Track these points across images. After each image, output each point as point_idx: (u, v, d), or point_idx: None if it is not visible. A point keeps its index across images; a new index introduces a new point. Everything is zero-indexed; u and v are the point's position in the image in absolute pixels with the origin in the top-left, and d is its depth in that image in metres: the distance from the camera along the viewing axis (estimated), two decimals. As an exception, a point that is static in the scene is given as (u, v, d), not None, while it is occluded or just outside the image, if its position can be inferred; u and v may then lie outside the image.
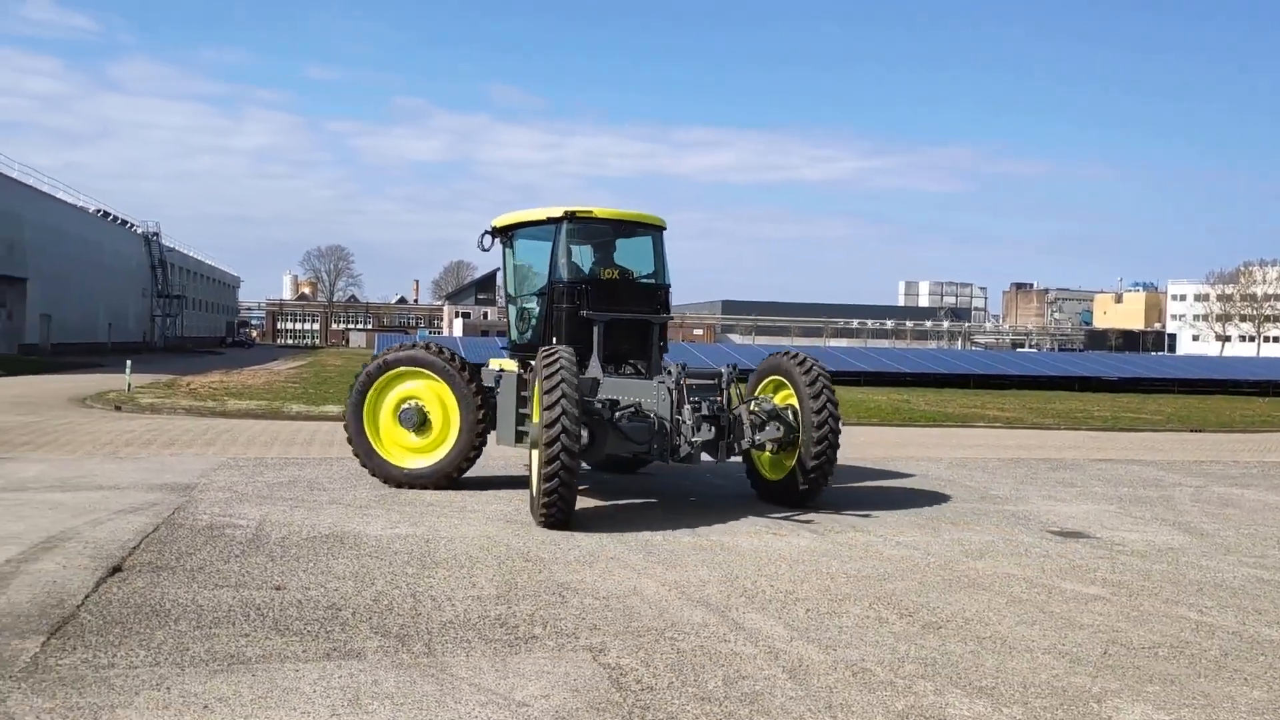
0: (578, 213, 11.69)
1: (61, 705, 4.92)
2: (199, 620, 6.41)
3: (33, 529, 9.05)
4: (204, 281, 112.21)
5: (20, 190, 57.10)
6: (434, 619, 6.62)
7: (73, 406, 22.88)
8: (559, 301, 11.57)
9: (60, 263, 62.34)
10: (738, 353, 44.72)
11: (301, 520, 9.82)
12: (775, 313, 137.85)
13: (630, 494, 12.21)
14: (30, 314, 58.24)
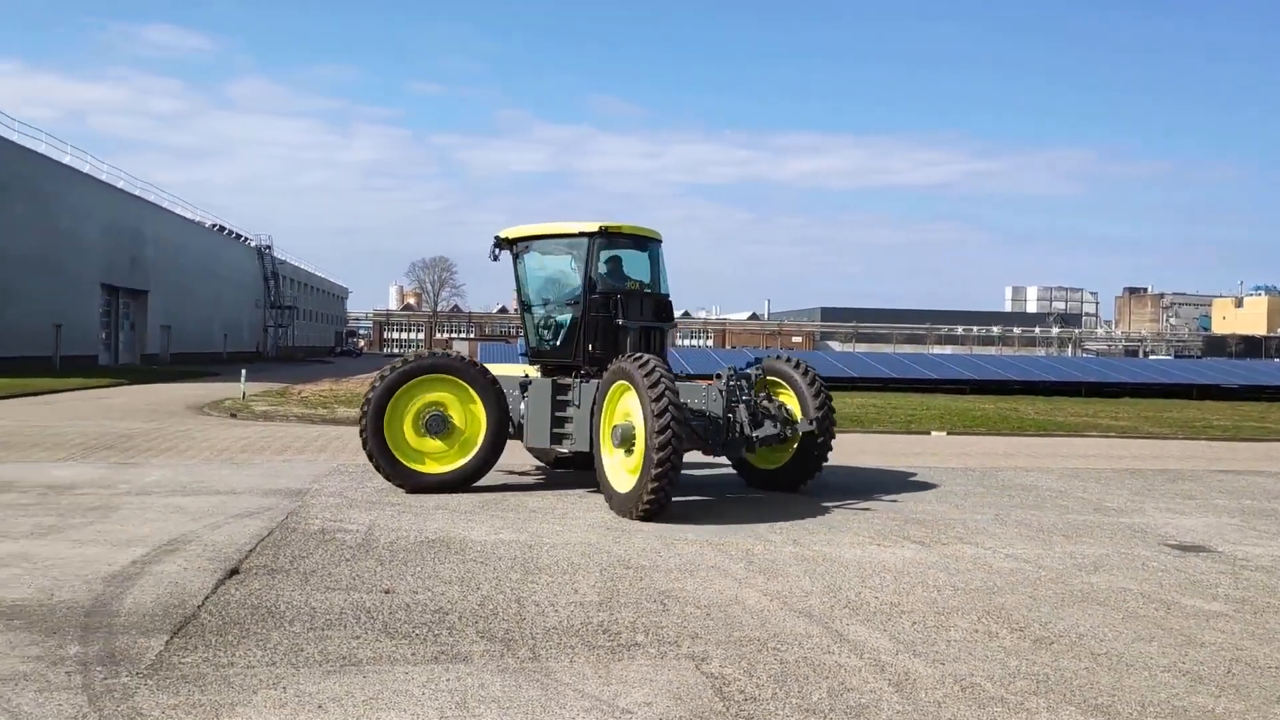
0: (609, 228, 12.38)
1: (185, 702, 5.12)
2: (312, 622, 6.60)
3: (156, 532, 9.45)
4: (314, 293, 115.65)
5: (142, 207, 59.74)
6: (538, 624, 6.69)
7: (191, 414, 23.82)
8: (595, 311, 12.20)
9: (179, 276, 65.02)
10: (839, 361, 44.22)
11: (409, 525, 10.04)
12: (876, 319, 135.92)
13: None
14: (151, 325, 60.86)
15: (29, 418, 21.60)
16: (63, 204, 47.81)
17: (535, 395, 12.35)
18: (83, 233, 50.08)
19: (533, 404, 12.37)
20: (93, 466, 14.01)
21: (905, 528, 10.68)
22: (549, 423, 12.19)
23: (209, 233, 75.57)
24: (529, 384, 12.56)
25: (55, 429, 19.21)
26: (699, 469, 14.88)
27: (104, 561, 8.18)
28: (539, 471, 14.47)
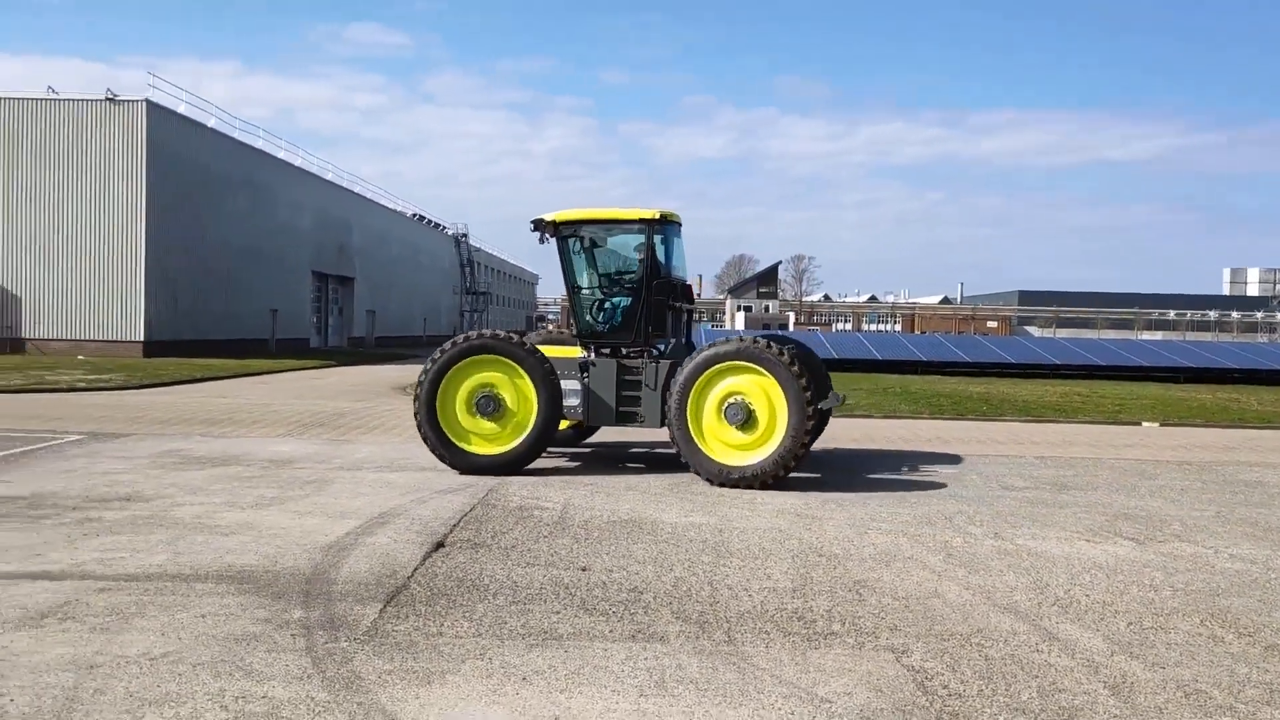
0: (667, 215, 12.87)
1: (399, 668, 5.37)
2: (514, 596, 6.81)
3: (367, 505, 9.97)
4: (506, 279, 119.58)
5: (349, 198, 63.14)
6: (732, 608, 6.68)
7: (395, 394, 25.02)
8: (657, 295, 12.77)
9: (382, 263, 68.47)
10: (1039, 346, 42.29)
11: (601, 505, 10.22)
12: (1079, 304, 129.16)
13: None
14: (358, 310, 64.35)
15: (251, 396, 23.21)
16: (278, 197, 51.10)
17: (599, 377, 12.60)
18: (296, 223, 53.39)
19: (596, 384, 12.59)
20: (308, 443, 14.92)
21: (1116, 523, 10.10)
22: (615, 402, 12.51)
23: (409, 222, 79.16)
24: (588, 364, 12.72)
25: (274, 407, 20.58)
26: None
27: (321, 532, 8.69)
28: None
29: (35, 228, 39.17)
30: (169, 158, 40.36)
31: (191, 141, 42.86)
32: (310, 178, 56.39)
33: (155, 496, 10.20)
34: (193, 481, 11.18)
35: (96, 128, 39.17)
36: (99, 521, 8.92)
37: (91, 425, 16.32)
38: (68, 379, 25.90)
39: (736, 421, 11.63)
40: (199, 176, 42.81)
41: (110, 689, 4.98)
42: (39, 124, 39.27)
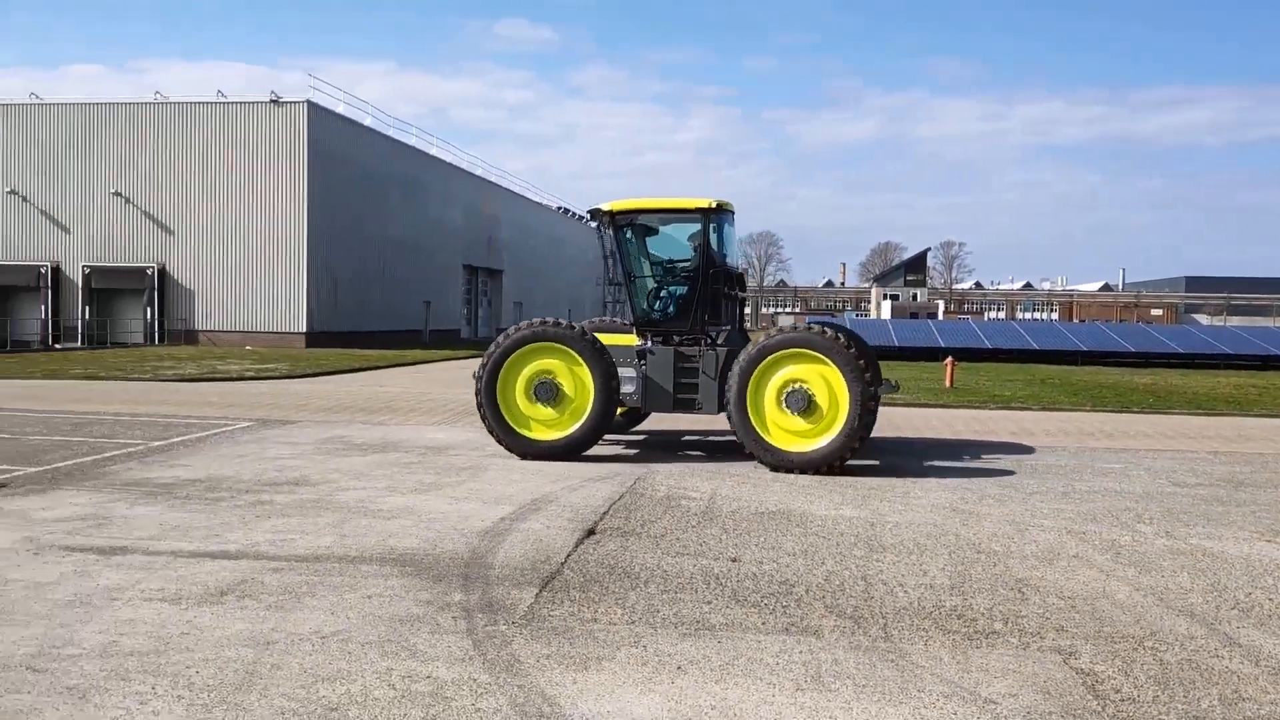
0: (722, 204, 12.98)
1: (556, 653, 5.46)
2: (665, 585, 6.84)
3: (520, 492, 10.19)
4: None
5: (498, 192, 64.63)
6: (887, 604, 6.55)
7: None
8: (714, 284, 12.94)
9: (529, 255, 69.88)
10: (1209, 335, 40.01)
11: (749, 496, 10.17)
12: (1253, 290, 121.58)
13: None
14: (505, 301, 65.86)
15: (407, 385, 24.04)
16: (431, 192, 52.72)
17: (657, 364, 12.76)
18: (448, 218, 54.99)
19: (654, 372, 12.75)
20: (462, 430, 15.34)
21: (1302, 524, 9.46)
22: (672, 389, 12.66)
23: (554, 214, 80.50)
24: (646, 352, 12.83)
25: (429, 396, 21.25)
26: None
27: (478, 517, 8.92)
28: None
29: (206, 226, 41.47)
30: (328, 156, 42.10)
31: (349, 140, 44.60)
32: (461, 173, 57.96)
33: (321, 481, 10.66)
34: (355, 467, 11.65)
35: (261, 129, 41.17)
36: (270, 504, 9.38)
37: (260, 413, 17.19)
38: (237, 369, 27.36)
39: (797, 408, 11.67)
40: (356, 174, 44.52)
41: (285, 665, 5.23)
42: (208, 127, 41.54)
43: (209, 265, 41.64)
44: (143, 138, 41.96)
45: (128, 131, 42.12)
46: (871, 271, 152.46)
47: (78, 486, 10.15)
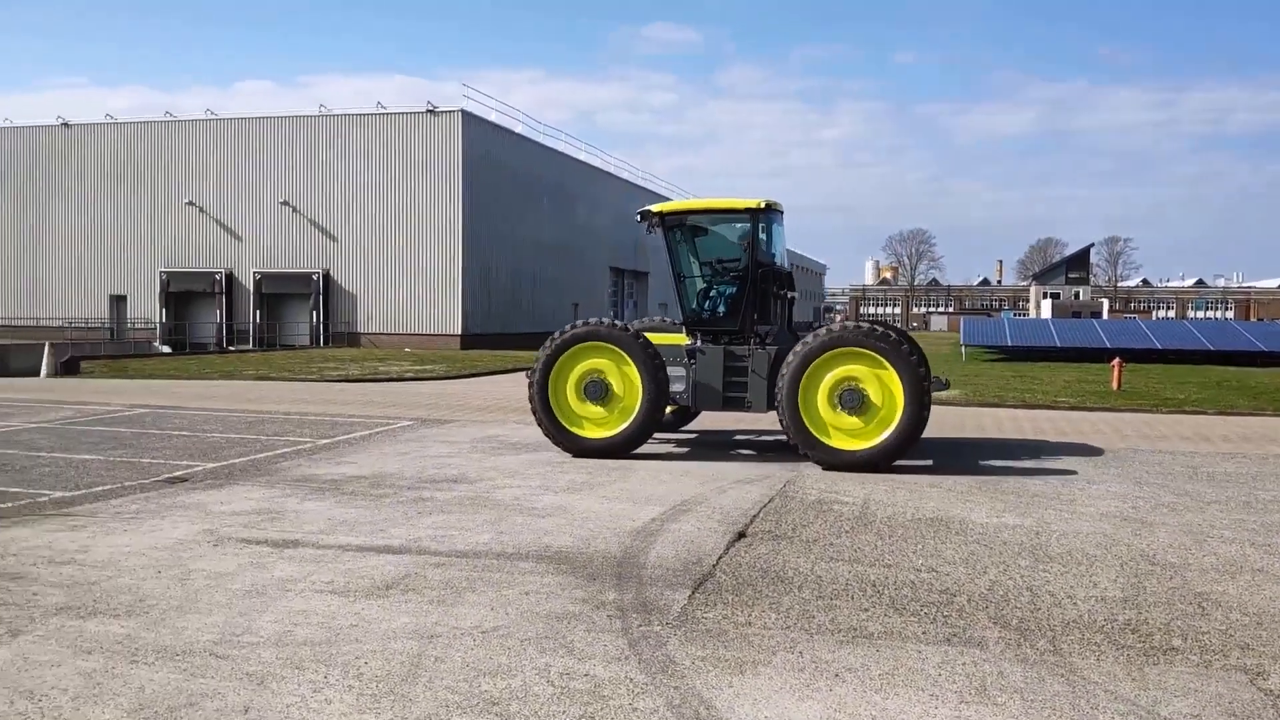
0: (770, 204, 13.02)
1: (711, 655, 5.44)
2: (819, 590, 6.73)
3: (670, 493, 10.21)
4: (793, 270, 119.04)
5: (645, 195, 65.08)
6: (1055, 616, 6.27)
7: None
8: (763, 283, 13.05)
9: (675, 257, 70.05)
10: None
11: (904, 501, 9.93)
12: None
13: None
14: (651, 303, 66.24)
15: (557, 386, 24.43)
16: (579, 196, 53.56)
17: (706, 363, 12.85)
18: (595, 221, 55.74)
19: (704, 371, 12.85)
20: (612, 431, 15.46)
21: None
22: (722, 388, 12.75)
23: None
24: (696, 351, 12.93)
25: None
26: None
27: (628, 517, 8.98)
28: None
29: (367, 232, 43.19)
30: (481, 163, 43.28)
31: (501, 147, 45.73)
32: (608, 177, 58.70)
33: (478, 479, 10.94)
34: (510, 465, 11.90)
35: (418, 138, 42.64)
36: (431, 501, 9.68)
37: (419, 412, 17.77)
38: (397, 369, 28.38)
39: (850, 407, 11.71)
40: (508, 179, 45.61)
41: (449, 658, 5.37)
42: (369, 137, 43.27)
43: (370, 270, 43.35)
44: (308, 149, 44.02)
45: (294, 143, 44.26)
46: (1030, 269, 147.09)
47: (252, 482, 10.70)
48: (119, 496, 9.83)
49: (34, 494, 9.87)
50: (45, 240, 48.05)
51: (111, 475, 10.99)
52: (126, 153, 46.57)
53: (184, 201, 45.30)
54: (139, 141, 46.49)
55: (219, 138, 45.41)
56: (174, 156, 45.87)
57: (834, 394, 11.78)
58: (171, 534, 8.15)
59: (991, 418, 18.13)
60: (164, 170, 45.90)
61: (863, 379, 11.72)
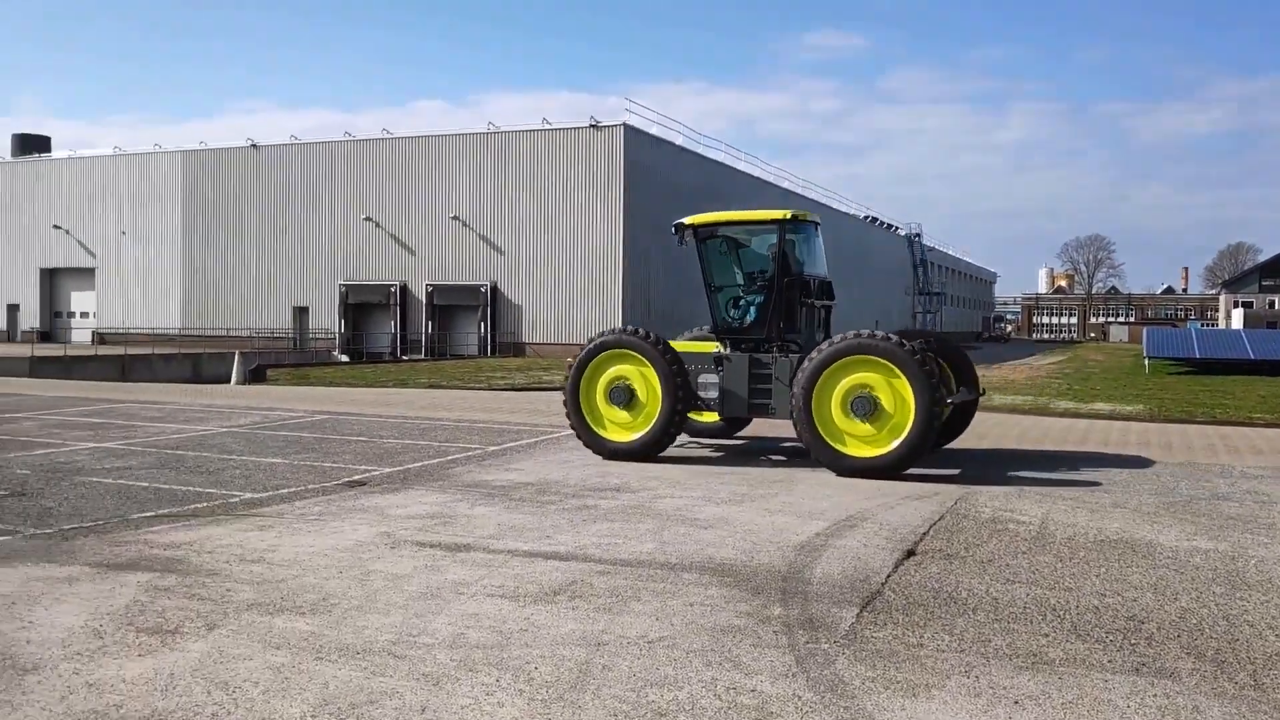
0: (798, 215, 13.39)
1: (882, 676, 5.30)
2: (995, 613, 6.47)
3: (834, 507, 10.03)
4: (961, 278, 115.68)
5: (805, 204, 64.48)
6: (1255, 648, 5.84)
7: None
8: (789, 292, 13.25)
9: (836, 266, 68.95)
10: None
11: (1086, 522, 9.45)
12: None
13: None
14: (813, 313, 65.56)
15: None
16: (739, 205, 53.40)
17: (733, 371, 13.12)
18: (755, 230, 55.52)
19: (730, 378, 13.13)
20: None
21: None
22: (747, 395, 12.99)
23: (862, 224, 79.29)
24: (723, 359, 13.21)
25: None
26: None
27: (792, 531, 8.87)
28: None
29: (533, 244, 44.29)
30: (643, 175, 43.79)
31: (662, 159, 46.16)
32: (768, 186, 58.45)
33: (640, 488, 11.02)
34: (671, 475, 11.94)
35: (583, 152, 43.49)
36: (595, 509, 9.80)
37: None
38: (560, 378, 28.92)
39: (861, 414, 11.79)
40: (669, 190, 45.98)
41: (616, 666, 5.40)
42: (535, 152, 44.38)
43: (535, 281, 44.45)
44: (477, 165, 45.50)
45: (464, 160, 45.84)
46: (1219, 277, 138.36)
47: (426, 486, 11.08)
48: (303, 498, 10.34)
49: (226, 494, 10.49)
50: (236, 255, 51.24)
51: (296, 478, 11.58)
52: (309, 172, 49.22)
53: (362, 218, 47.50)
54: (321, 161, 49.06)
55: (394, 156, 47.46)
56: (353, 174, 48.20)
57: (847, 401, 11.89)
58: (351, 536, 8.52)
59: (1179, 434, 17.10)
60: (343, 188, 48.29)
61: (875, 386, 11.81)
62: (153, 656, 5.46)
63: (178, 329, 51.36)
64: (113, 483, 11.03)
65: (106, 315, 54.23)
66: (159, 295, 53.04)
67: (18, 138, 65.06)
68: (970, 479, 11.85)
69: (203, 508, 9.76)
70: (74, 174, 55.88)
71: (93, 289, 55.50)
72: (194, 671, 5.24)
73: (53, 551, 7.83)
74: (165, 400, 21.91)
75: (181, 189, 52.29)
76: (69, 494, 10.32)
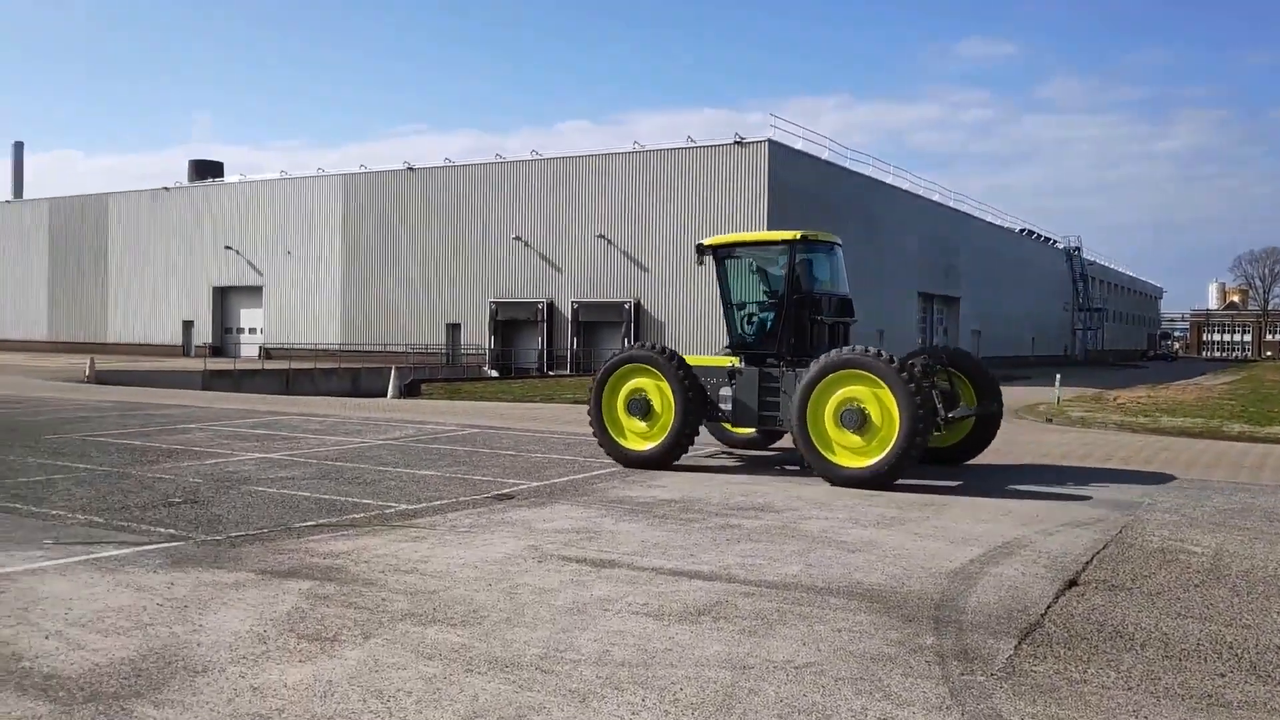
0: (808, 235, 14.07)
1: (1042, 713, 5.05)
2: (1166, 649, 6.10)
3: (988, 533, 9.67)
4: (1123, 293, 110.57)
5: (955, 217, 62.83)
6: None
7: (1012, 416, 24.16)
8: (798, 309, 13.87)
9: (988, 281, 67.04)
10: None
11: (1264, 554, 8.84)
12: None
13: None
14: (963, 329, 63.66)
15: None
16: (886, 220, 52.46)
17: (744, 383, 13.86)
18: (903, 245, 54.40)
19: (741, 391, 13.86)
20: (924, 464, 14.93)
21: None
22: (757, 406, 13.70)
23: (1017, 237, 76.68)
24: (736, 372, 13.91)
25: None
26: None
27: (944, 557, 8.58)
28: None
29: (675, 261, 44.45)
30: (787, 190, 43.46)
31: (807, 174, 45.74)
32: (916, 199, 57.16)
33: (785, 508, 10.87)
34: (817, 496, 11.74)
35: (726, 169, 43.48)
36: (738, 529, 9.72)
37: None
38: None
39: (851, 425, 12.29)
40: (814, 205, 45.49)
41: (761, 691, 5.32)
42: (679, 170, 44.62)
43: (678, 298, 44.60)
44: (622, 184, 46.04)
45: (609, 179, 46.46)
46: None
47: (571, 501, 11.21)
48: (454, 510, 10.60)
49: (382, 505, 10.85)
50: (392, 273, 53.21)
51: (448, 490, 11.89)
52: (462, 193, 50.77)
53: (512, 237, 48.67)
54: (472, 182, 50.55)
55: (542, 176, 48.50)
56: (503, 194, 49.47)
57: (838, 413, 12.43)
58: (500, 549, 8.67)
59: (1370, 461, 15.85)
60: (494, 207, 49.61)
61: (864, 399, 12.30)
62: (312, 663, 5.66)
63: (338, 344, 53.61)
64: (276, 492, 11.55)
65: (272, 331, 57.08)
66: (320, 312, 55.53)
67: (194, 163, 69.37)
68: (1129, 506, 11.25)
69: (360, 518, 10.11)
70: (243, 197, 59.13)
71: (260, 306, 58.52)
72: (351, 679, 5.41)
73: (221, 557, 8.24)
74: (325, 413, 22.87)
75: (342, 210, 54.70)
76: (236, 502, 10.85)
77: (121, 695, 5.11)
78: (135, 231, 63.16)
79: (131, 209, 63.54)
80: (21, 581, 7.32)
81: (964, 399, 14.05)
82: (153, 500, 10.82)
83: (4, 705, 4.94)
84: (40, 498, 10.83)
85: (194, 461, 14.06)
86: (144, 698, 5.08)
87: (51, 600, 6.82)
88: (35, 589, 7.11)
